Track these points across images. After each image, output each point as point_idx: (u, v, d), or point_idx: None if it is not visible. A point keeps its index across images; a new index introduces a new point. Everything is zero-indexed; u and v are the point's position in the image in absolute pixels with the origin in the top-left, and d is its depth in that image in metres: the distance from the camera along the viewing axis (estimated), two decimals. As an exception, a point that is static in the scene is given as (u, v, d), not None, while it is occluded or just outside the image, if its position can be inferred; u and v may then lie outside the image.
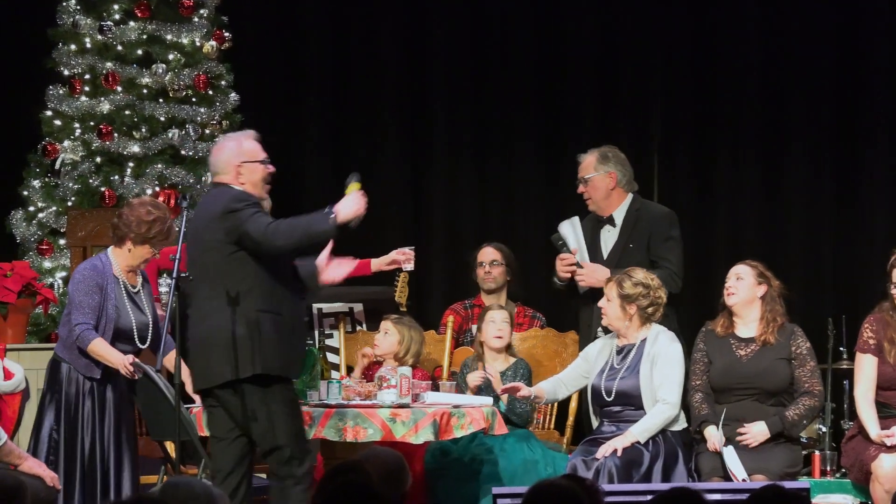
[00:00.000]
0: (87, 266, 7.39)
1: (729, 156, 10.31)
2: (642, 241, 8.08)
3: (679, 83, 10.35)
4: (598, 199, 8.16)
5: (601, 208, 8.16)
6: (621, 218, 8.14)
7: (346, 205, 6.62)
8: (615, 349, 7.69)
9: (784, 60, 10.26)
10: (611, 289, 7.62)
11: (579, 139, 10.18)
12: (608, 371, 7.63)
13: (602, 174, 8.14)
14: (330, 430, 7.03)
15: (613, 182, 8.14)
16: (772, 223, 10.22)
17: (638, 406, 7.53)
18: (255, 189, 6.77)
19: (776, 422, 7.46)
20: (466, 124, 10.46)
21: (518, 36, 10.47)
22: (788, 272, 9.92)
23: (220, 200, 6.65)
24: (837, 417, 8.75)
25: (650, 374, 7.53)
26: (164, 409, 7.09)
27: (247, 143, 6.84)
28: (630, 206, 8.17)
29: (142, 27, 9.58)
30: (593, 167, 8.17)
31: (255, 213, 6.56)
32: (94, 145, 9.47)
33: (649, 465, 7.38)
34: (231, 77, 9.79)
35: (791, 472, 7.50)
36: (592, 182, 8.16)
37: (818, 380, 7.58)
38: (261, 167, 6.82)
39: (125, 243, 7.39)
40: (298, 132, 10.47)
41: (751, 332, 7.67)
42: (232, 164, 6.75)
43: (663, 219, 8.16)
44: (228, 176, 6.76)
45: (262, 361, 6.54)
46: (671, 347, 7.59)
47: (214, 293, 6.60)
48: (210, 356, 6.59)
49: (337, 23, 10.45)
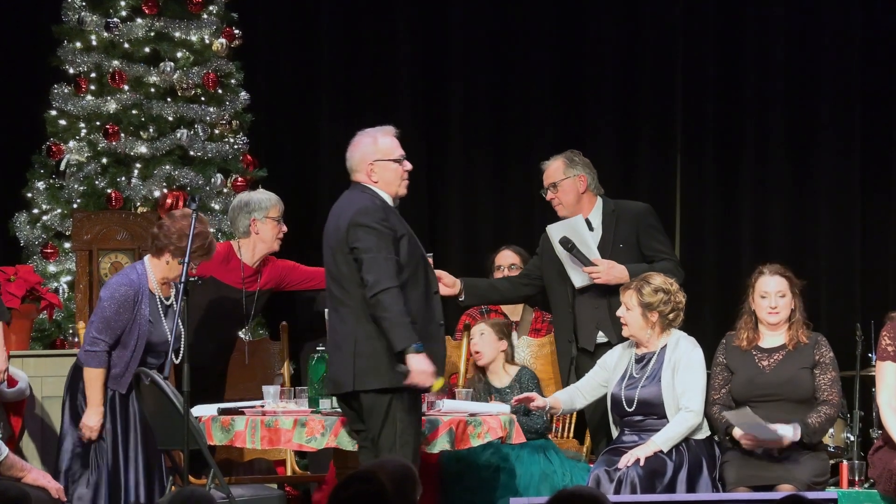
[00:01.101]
0: (123, 280, 7.43)
1: (753, 158, 10.34)
2: (630, 240, 8.02)
3: (702, 84, 10.39)
4: (569, 203, 8.09)
5: (572, 212, 8.06)
6: (598, 220, 8.09)
7: (421, 366, 6.58)
8: (634, 357, 7.65)
9: (810, 60, 10.30)
10: (630, 297, 7.56)
11: (600, 141, 10.12)
12: (628, 380, 7.60)
13: (572, 178, 8.08)
14: (343, 439, 6.96)
15: (584, 185, 8.09)
16: (798, 227, 10.22)
17: (660, 415, 7.50)
18: (389, 188, 6.84)
19: (799, 427, 7.41)
20: (484, 126, 10.43)
21: (539, 36, 10.47)
22: (816, 277, 9.87)
23: (352, 207, 6.72)
24: (866, 426, 8.70)
25: (672, 382, 7.49)
26: (173, 418, 7.00)
27: (382, 139, 6.88)
28: (605, 208, 8.11)
29: (149, 24, 9.54)
30: (562, 172, 8.10)
31: (385, 255, 6.60)
32: (100, 146, 9.45)
33: (673, 474, 7.35)
34: (241, 75, 9.77)
35: (818, 481, 7.46)
36: (562, 187, 8.08)
37: (838, 390, 7.56)
38: (395, 166, 6.85)
39: (164, 255, 7.44)
40: (310, 132, 10.46)
41: (779, 341, 7.64)
42: (365, 161, 6.83)
43: (646, 213, 8.12)
44: (362, 174, 6.83)
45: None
46: (693, 354, 7.56)
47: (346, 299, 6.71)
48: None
49: (350, 19, 10.47)
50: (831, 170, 10.20)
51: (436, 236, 10.33)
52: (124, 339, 7.41)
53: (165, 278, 7.45)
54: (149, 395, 7.22)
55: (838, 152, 10.20)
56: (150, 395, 7.20)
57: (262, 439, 6.99)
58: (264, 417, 7.03)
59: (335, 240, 6.75)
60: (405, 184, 6.90)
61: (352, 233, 6.66)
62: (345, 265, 6.70)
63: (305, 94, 10.41)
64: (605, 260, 7.93)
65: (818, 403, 7.50)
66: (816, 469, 7.44)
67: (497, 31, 10.44)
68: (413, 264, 6.73)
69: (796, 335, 7.58)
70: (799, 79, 10.23)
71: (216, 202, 9.45)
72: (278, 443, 7.02)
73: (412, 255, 6.75)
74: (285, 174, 10.13)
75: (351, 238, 6.66)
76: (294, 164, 10.36)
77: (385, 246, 6.63)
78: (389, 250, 6.63)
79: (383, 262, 6.59)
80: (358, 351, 6.67)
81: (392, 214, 6.76)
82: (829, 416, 7.49)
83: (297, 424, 6.95)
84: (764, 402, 7.51)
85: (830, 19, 10.21)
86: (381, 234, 6.64)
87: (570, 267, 7.96)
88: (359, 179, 6.85)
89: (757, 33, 10.27)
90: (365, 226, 6.65)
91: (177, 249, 7.35)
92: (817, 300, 9.68)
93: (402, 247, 6.71)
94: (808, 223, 10.19)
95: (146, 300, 7.40)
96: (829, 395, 7.50)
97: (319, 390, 7.16)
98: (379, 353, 6.66)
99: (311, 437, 6.93)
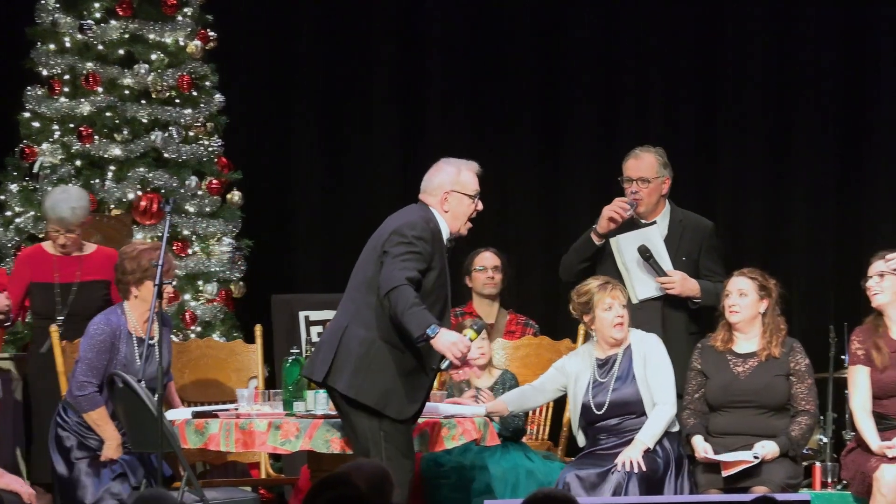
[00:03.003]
0: (102, 321, 7.43)
1: (729, 160, 10.28)
2: (693, 255, 7.97)
3: (679, 84, 10.31)
4: (651, 203, 7.99)
5: (645, 214, 7.98)
6: (665, 225, 7.99)
7: (447, 339, 6.55)
8: (595, 363, 7.62)
9: (787, 61, 10.26)
10: (617, 296, 7.55)
11: (577, 143, 10.08)
12: (594, 386, 7.58)
13: (661, 178, 7.99)
14: (318, 442, 6.94)
15: (667, 189, 8.01)
16: (773, 228, 10.20)
17: (639, 413, 7.51)
18: (456, 222, 6.86)
19: (784, 441, 7.46)
20: (461, 128, 10.39)
21: (517, 37, 10.43)
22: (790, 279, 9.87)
23: (404, 218, 6.75)
24: (839, 428, 8.71)
25: (646, 377, 7.51)
26: (146, 421, 6.97)
27: (466, 173, 6.92)
28: (672, 216, 8.03)
29: (123, 26, 9.49)
30: (655, 170, 7.98)
31: (405, 258, 6.60)
32: (73, 148, 9.40)
33: (663, 472, 7.39)
34: (216, 78, 9.73)
35: (792, 483, 7.47)
36: (653, 185, 7.95)
37: (814, 398, 7.59)
38: (469, 202, 6.88)
39: (130, 292, 7.44)
40: (286, 134, 10.45)
41: (752, 347, 7.65)
42: (443, 188, 6.84)
43: (712, 232, 8.07)
44: (434, 199, 6.85)
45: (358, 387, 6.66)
46: (659, 347, 7.60)
47: (357, 296, 6.73)
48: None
49: (327, 20, 10.44)
50: (806, 172, 10.19)
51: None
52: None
53: (145, 312, 7.41)
54: (122, 398, 7.18)
55: (813, 154, 10.18)
56: (124, 398, 7.16)
57: (237, 442, 6.97)
58: (238, 420, 7.01)
59: (375, 241, 6.79)
60: (469, 226, 6.92)
61: (390, 238, 6.68)
62: (371, 266, 6.73)
63: (280, 96, 10.38)
64: (679, 272, 7.88)
65: (797, 413, 7.53)
66: (790, 471, 7.45)
67: (475, 33, 10.40)
68: (432, 299, 6.72)
69: (769, 346, 7.58)
70: (775, 80, 10.23)
71: (191, 205, 9.42)
72: (252, 445, 7.00)
73: (435, 290, 6.74)
74: (260, 176, 10.11)
75: (387, 243, 6.68)
76: (269, 166, 10.34)
77: (410, 259, 6.62)
78: (413, 265, 6.61)
79: (398, 264, 6.59)
80: (341, 347, 6.68)
81: (437, 244, 6.74)
82: (810, 425, 7.53)
83: (271, 427, 6.92)
84: (738, 408, 7.55)
85: (807, 20, 10.20)
86: (414, 249, 6.64)
87: (638, 277, 7.85)
88: (428, 202, 6.85)
89: (734, 34, 10.27)
90: (404, 235, 6.66)
91: (133, 278, 7.40)
92: (791, 302, 9.66)
93: (430, 278, 6.71)
94: (782, 225, 10.18)
95: (124, 342, 7.40)
96: (807, 405, 7.54)
97: (294, 393, 7.15)
98: (354, 357, 6.66)
99: (285, 439, 6.91)
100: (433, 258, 6.70)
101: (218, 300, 9.38)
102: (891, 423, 7.48)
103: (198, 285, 9.36)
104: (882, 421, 7.48)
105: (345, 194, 10.32)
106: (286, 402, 7.11)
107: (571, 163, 10.35)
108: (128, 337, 7.41)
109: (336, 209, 10.33)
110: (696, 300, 7.89)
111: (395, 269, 6.59)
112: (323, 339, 6.88)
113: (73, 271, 8.19)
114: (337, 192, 10.33)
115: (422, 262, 6.64)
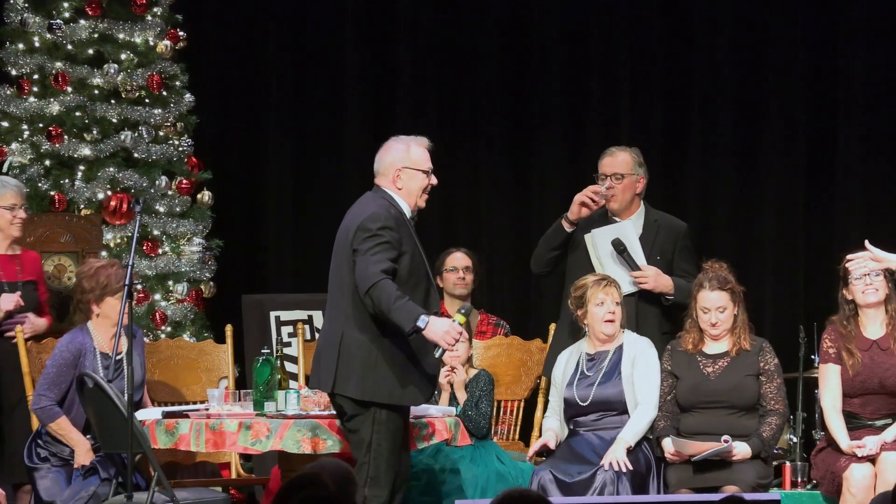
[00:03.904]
0: (68, 339, 7.50)
1: (699, 160, 10.29)
2: (667, 255, 7.98)
3: (648, 86, 10.31)
4: (625, 200, 7.98)
5: (619, 211, 7.97)
6: (641, 225, 7.99)
7: (438, 328, 6.59)
8: (584, 356, 7.66)
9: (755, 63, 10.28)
10: (611, 293, 7.60)
11: (546, 142, 10.08)
12: (580, 378, 7.61)
13: (636, 176, 7.99)
14: (288, 442, 6.93)
15: (642, 187, 8.01)
16: (743, 229, 10.22)
17: (621, 411, 7.56)
18: (410, 197, 6.86)
19: (756, 443, 7.47)
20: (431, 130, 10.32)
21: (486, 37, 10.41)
22: (760, 279, 9.90)
23: (364, 211, 6.75)
24: (809, 428, 8.75)
25: (632, 377, 7.55)
26: (116, 421, 6.97)
27: (415, 148, 6.92)
28: (647, 216, 8.04)
29: (93, 26, 9.45)
30: (630, 166, 7.98)
31: (374, 251, 6.63)
32: (43, 148, 9.35)
33: (647, 471, 7.44)
34: (186, 77, 9.68)
35: (762, 483, 7.49)
36: (627, 181, 7.95)
37: (783, 397, 7.61)
38: (422, 176, 6.88)
39: (91, 311, 7.49)
40: (256, 134, 10.40)
41: (722, 347, 7.67)
42: (394, 166, 6.86)
43: (686, 233, 8.09)
44: (387, 179, 6.86)
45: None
46: (650, 350, 7.64)
47: (341, 301, 6.78)
48: None
49: (297, 20, 10.40)
50: (776, 172, 10.21)
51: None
52: (70, 396, 7.43)
53: (110, 329, 7.45)
54: (92, 398, 7.16)
55: (783, 155, 10.21)
56: (94, 398, 7.15)
57: (207, 442, 6.96)
58: (209, 420, 7.00)
59: (342, 241, 6.80)
60: (426, 197, 6.92)
61: (356, 235, 6.70)
62: (346, 268, 6.75)
63: (250, 96, 10.35)
64: (652, 267, 7.90)
65: (766, 413, 7.55)
66: (760, 471, 7.47)
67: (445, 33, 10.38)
68: (412, 283, 6.75)
69: (739, 342, 7.61)
70: (744, 81, 10.24)
71: (161, 204, 9.39)
72: (223, 446, 6.99)
73: (413, 274, 6.76)
74: (230, 176, 10.08)
75: (354, 241, 6.70)
76: (239, 166, 10.31)
77: (380, 251, 6.64)
78: (384, 256, 6.64)
79: (372, 262, 6.60)
80: (342, 354, 6.72)
81: (402, 227, 6.76)
82: (780, 425, 7.55)
83: (241, 427, 6.91)
84: (709, 408, 7.57)
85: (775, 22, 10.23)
86: (381, 240, 6.66)
87: (612, 271, 7.84)
88: (381, 183, 6.88)
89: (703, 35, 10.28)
90: (368, 229, 6.67)
91: (93, 296, 7.45)
92: (762, 302, 9.71)
93: (404, 263, 6.73)
94: (752, 225, 10.20)
95: (89, 359, 7.43)
96: (777, 405, 7.55)
97: (264, 393, 7.15)
98: (359, 361, 6.70)
99: (255, 439, 6.90)
100: (402, 243, 6.71)
101: (188, 300, 9.36)
102: (861, 422, 7.50)
103: (168, 285, 9.33)
104: (852, 420, 7.50)
105: (315, 194, 10.30)
106: (257, 402, 7.10)
107: (542, 165, 10.35)
108: (94, 354, 7.45)
109: (306, 209, 10.31)
110: (668, 297, 7.90)
111: (368, 266, 6.60)
112: (320, 350, 6.88)
113: (14, 270, 8.16)
114: (307, 192, 10.31)
115: (392, 251, 6.66)
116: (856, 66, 10.17)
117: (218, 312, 9.42)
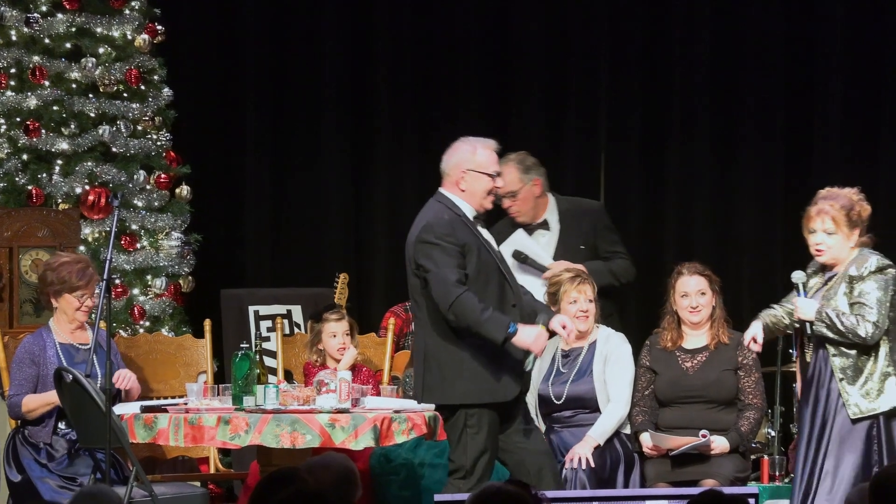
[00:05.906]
0: (29, 337, 7.53)
1: (677, 155, 10.27)
2: (590, 241, 8.01)
3: (627, 81, 10.29)
4: (528, 210, 8.05)
5: (531, 217, 8.00)
6: (555, 220, 8.03)
7: (528, 335, 6.69)
8: (559, 353, 7.70)
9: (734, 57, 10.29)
10: (584, 291, 7.59)
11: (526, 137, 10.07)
12: (555, 375, 7.66)
13: (529, 185, 7.99)
14: (267, 436, 6.92)
15: (540, 189, 8.04)
16: (721, 224, 10.23)
17: (593, 408, 7.60)
18: (473, 199, 6.88)
19: (735, 437, 7.53)
20: (410, 123, 10.37)
21: (465, 32, 10.41)
22: (739, 274, 9.90)
23: (419, 222, 6.82)
24: (787, 421, 8.77)
25: (603, 375, 7.58)
26: (94, 416, 6.95)
27: (482, 151, 6.93)
28: (559, 208, 8.08)
29: (70, 19, 9.41)
30: (518, 180, 7.98)
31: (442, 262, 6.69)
32: (20, 142, 9.31)
33: (612, 469, 7.46)
34: (164, 72, 9.66)
35: (740, 477, 7.53)
36: (521, 195, 7.96)
37: (761, 392, 7.67)
38: (487, 179, 6.89)
39: (51, 303, 7.52)
40: (235, 128, 10.37)
41: (701, 342, 7.72)
42: (459, 168, 6.89)
43: (601, 212, 8.15)
44: (451, 179, 6.89)
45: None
46: (622, 347, 7.68)
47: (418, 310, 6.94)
48: None
49: (276, 15, 10.38)
50: (754, 167, 10.21)
51: (360, 234, 10.27)
52: (40, 391, 7.42)
53: (73, 322, 7.47)
54: (70, 393, 7.15)
55: (761, 151, 10.22)
56: (72, 393, 7.14)
57: (186, 437, 6.94)
58: (188, 415, 6.98)
59: (408, 255, 6.91)
60: (491, 199, 6.95)
61: (417, 249, 6.78)
62: (413, 278, 6.85)
63: (229, 90, 10.32)
64: (559, 262, 7.90)
65: (744, 408, 7.60)
66: (738, 465, 7.52)
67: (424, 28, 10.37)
68: (483, 278, 6.81)
69: (717, 334, 7.66)
70: (723, 75, 10.26)
71: (139, 199, 9.37)
72: (202, 440, 6.97)
73: (482, 270, 6.81)
74: (209, 170, 10.06)
75: (416, 255, 6.78)
76: (218, 160, 10.29)
77: (447, 261, 6.70)
78: (452, 264, 6.70)
79: (446, 276, 6.68)
80: (427, 364, 6.84)
81: (461, 227, 6.80)
82: (758, 419, 7.61)
83: (220, 422, 6.90)
84: (687, 403, 7.61)
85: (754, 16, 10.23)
86: (443, 249, 6.72)
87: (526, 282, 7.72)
88: (446, 185, 6.95)
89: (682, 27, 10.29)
90: (427, 242, 6.74)
91: (52, 290, 7.46)
92: (740, 296, 9.72)
93: (471, 260, 6.79)
94: (731, 220, 10.21)
95: (51, 353, 7.42)
96: (754, 399, 7.61)
97: (243, 388, 7.12)
98: (445, 367, 6.80)
99: (234, 434, 6.89)
100: (464, 245, 6.77)
101: (167, 295, 9.33)
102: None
103: (146, 280, 9.31)
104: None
105: (294, 189, 10.28)
106: (235, 396, 7.08)
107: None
108: (54, 346, 7.45)
109: (285, 204, 10.29)
110: None
111: (442, 282, 6.69)
112: (416, 365, 7.00)
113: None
114: (286, 186, 10.29)
115: (457, 256, 6.73)
116: (833, 53, 10.18)
117: (196, 307, 9.40)
